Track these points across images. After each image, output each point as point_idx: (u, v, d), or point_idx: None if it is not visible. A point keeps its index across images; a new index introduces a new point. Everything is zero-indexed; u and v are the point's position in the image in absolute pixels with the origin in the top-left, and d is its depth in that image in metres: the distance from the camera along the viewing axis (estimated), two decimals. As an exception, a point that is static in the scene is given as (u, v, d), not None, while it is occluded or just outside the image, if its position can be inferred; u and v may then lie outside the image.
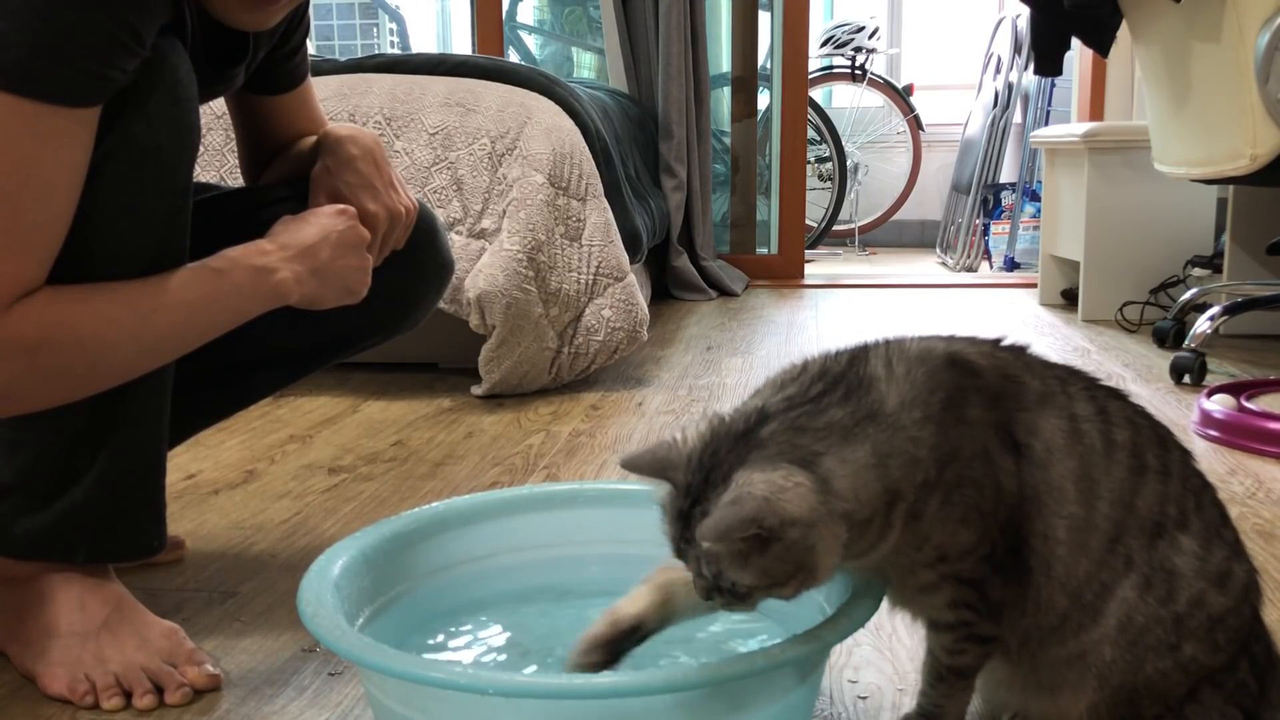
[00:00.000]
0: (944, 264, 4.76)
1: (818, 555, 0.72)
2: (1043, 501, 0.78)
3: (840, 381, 0.77)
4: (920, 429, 0.75)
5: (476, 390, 2.20)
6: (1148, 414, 0.85)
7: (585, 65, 4.44)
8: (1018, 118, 4.64)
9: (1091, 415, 0.80)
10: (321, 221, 1.10)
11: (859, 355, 0.80)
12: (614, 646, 0.86)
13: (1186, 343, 2.32)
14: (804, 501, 0.70)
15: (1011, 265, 4.40)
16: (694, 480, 0.75)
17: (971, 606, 0.80)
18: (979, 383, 0.79)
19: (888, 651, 1.08)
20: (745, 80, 4.03)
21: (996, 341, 0.84)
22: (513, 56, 4.24)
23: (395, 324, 1.31)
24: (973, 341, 0.83)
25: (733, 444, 0.75)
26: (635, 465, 0.79)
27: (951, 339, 0.83)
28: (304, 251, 1.06)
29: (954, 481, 0.76)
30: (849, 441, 0.73)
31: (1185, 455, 0.84)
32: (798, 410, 0.75)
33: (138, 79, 0.93)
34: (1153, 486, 0.80)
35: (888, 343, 0.81)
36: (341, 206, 1.13)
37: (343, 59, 2.61)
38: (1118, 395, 0.84)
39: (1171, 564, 0.79)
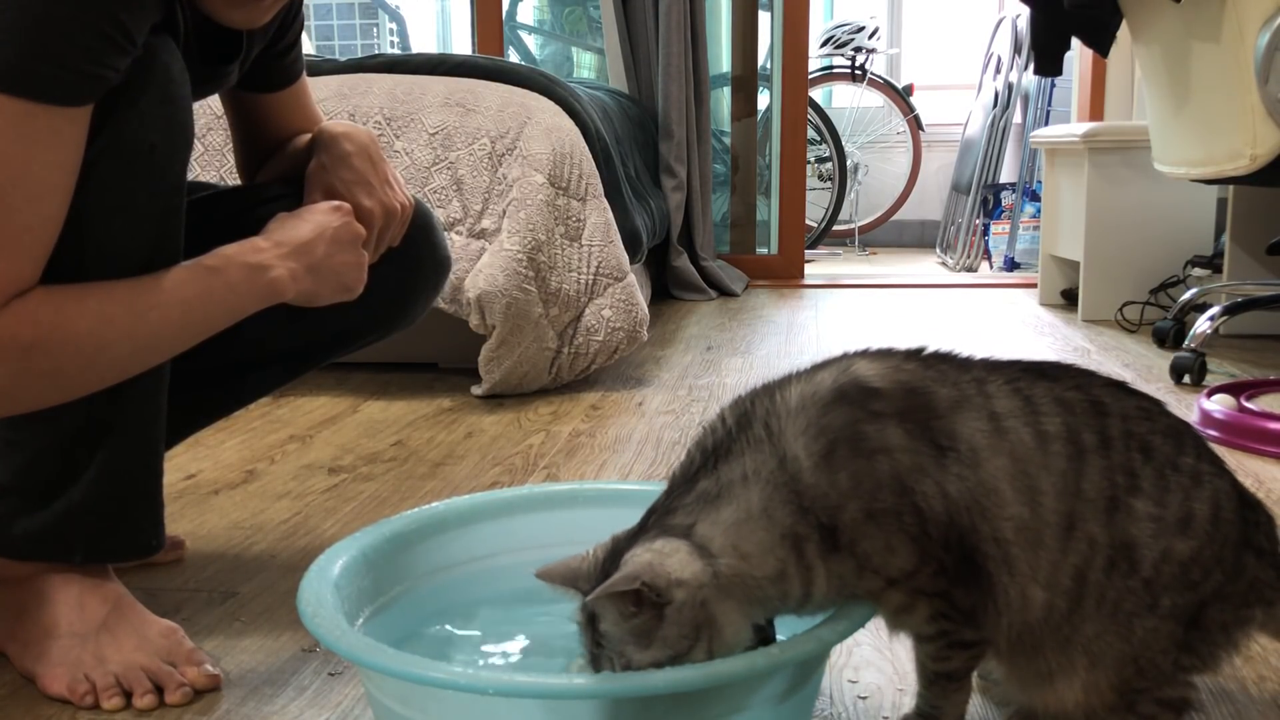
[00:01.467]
0: (944, 264, 4.76)
1: (714, 612, 0.76)
2: (982, 506, 0.78)
3: (714, 453, 0.80)
4: (796, 484, 0.77)
5: (476, 390, 2.20)
6: (1082, 378, 0.83)
7: (585, 65, 4.43)
8: (1018, 118, 4.63)
9: (1015, 410, 0.80)
10: (317, 218, 1.09)
11: (744, 419, 0.81)
12: None
13: (1186, 343, 2.31)
14: (687, 565, 0.76)
15: (1011, 265, 4.39)
16: (597, 583, 0.78)
17: (948, 616, 0.80)
18: (877, 407, 0.79)
19: (888, 651, 1.08)
20: (745, 80, 4.03)
21: (912, 353, 0.84)
22: (513, 56, 4.24)
23: (392, 321, 1.31)
24: (880, 357, 0.83)
25: (627, 542, 0.80)
26: (548, 576, 0.83)
27: (851, 363, 0.82)
28: (299, 248, 1.06)
29: (859, 518, 0.77)
30: (715, 505, 0.78)
31: (1123, 402, 0.82)
32: (674, 495, 0.81)
33: (130, 77, 0.93)
34: (1095, 465, 0.79)
35: (773, 394, 0.82)
36: (337, 203, 1.13)
37: (343, 59, 2.60)
38: (1046, 375, 0.83)
39: (1129, 536, 0.79)
